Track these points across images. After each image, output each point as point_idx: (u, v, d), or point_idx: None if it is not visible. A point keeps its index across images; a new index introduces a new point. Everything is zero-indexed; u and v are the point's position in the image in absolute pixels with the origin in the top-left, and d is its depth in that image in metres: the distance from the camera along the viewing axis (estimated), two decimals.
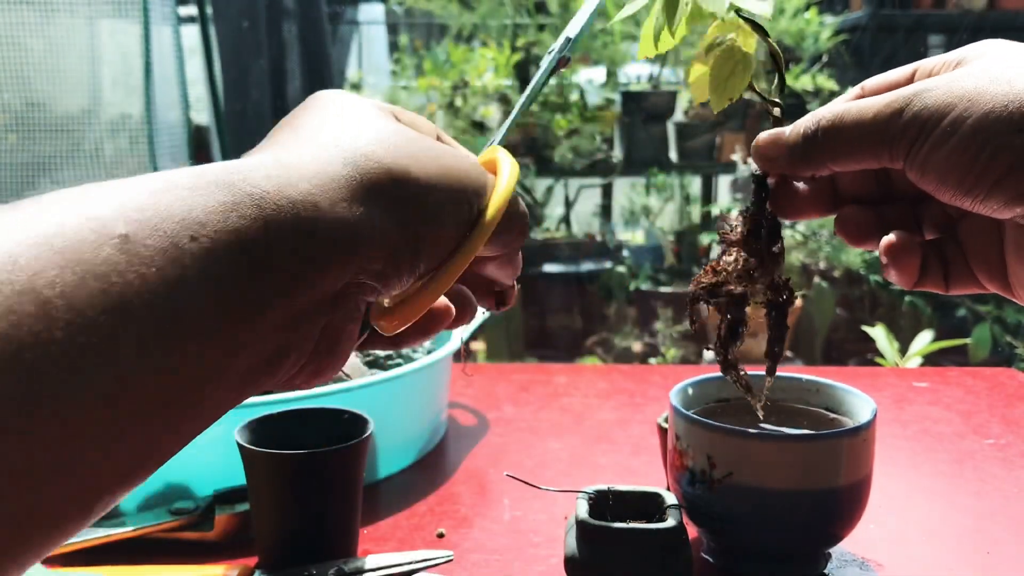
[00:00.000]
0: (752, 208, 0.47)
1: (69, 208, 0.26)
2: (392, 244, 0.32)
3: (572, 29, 0.44)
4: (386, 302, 0.37)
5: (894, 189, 0.45)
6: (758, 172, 0.46)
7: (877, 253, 0.44)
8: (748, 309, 0.49)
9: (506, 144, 0.43)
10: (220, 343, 0.27)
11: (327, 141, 0.33)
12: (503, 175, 0.38)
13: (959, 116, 0.37)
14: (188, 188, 0.28)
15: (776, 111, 0.47)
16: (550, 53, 0.44)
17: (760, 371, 0.69)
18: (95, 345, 0.24)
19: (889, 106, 0.39)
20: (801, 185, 0.46)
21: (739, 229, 0.48)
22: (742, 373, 0.51)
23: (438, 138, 0.40)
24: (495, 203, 0.37)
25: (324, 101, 0.36)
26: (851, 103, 0.41)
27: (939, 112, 0.37)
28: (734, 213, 0.48)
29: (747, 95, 0.49)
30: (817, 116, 0.42)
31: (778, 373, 0.67)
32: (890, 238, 0.43)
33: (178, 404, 0.27)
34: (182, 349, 0.26)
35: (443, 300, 0.40)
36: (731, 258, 0.48)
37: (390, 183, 0.32)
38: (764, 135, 0.45)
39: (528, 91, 0.44)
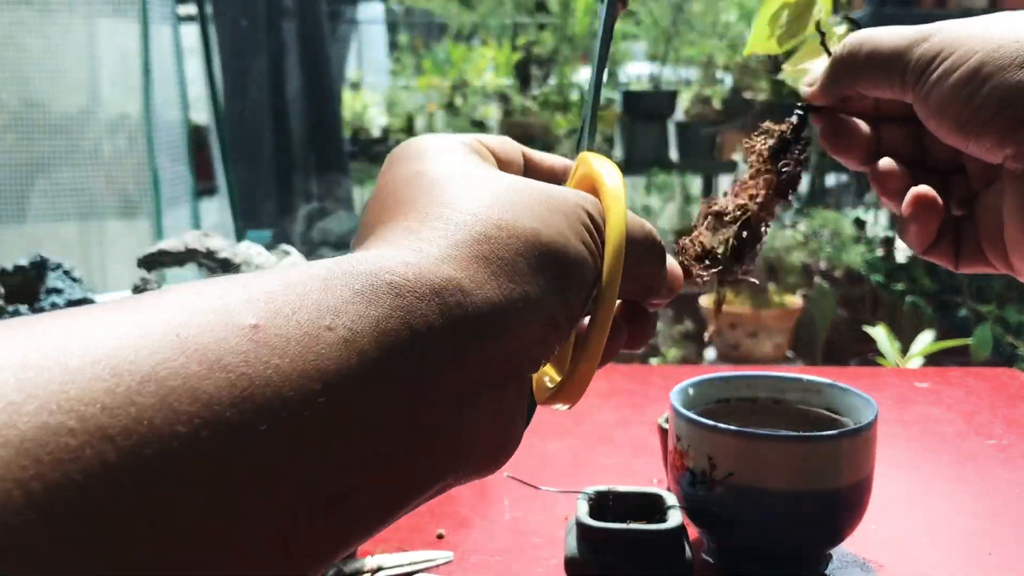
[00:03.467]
0: (788, 131, 0.45)
1: (195, 298, 0.24)
2: (548, 309, 0.30)
3: None
4: (547, 380, 0.35)
5: (928, 157, 0.45)
6: (801, 104, 0.46)
7: (899, 213, 0.43)
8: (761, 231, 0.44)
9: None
10: (363, 440, 0.25)
11: (449, 215, 0.30)
12: (610, 195, 0.34)
13: (969, 50, 0.37)
14: (322, 279, 0.26)
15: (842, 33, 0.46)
16: (601, 1, 0.40)
17: (760, 371, 0.69)
18: (221, 441, 0.22)
19: (907, 36, 0.40)
20: (847, 122, 0.45)
21: (771, 136, 0.45)
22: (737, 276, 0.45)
23: (524, 156, 0.38)
24: (611, 237, 0.33)
25: (413, 164, 0.34)
26: (879, 29, 0.42)
27: (951, 46, 0.38)
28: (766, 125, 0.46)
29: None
30: (847, 38, 0.43)
31: (778, 373, 0.67)
32: (920, 188, 0.42)
33: (324, 505, 0.24)
34: (324, 444, 0.24)
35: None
36: (751, 168, 0.45)
37: (526, 249, 0.30)
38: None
39: (596, 60, 0.39)
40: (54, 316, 0.23)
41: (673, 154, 3.10)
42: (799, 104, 0.46)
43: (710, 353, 2.92)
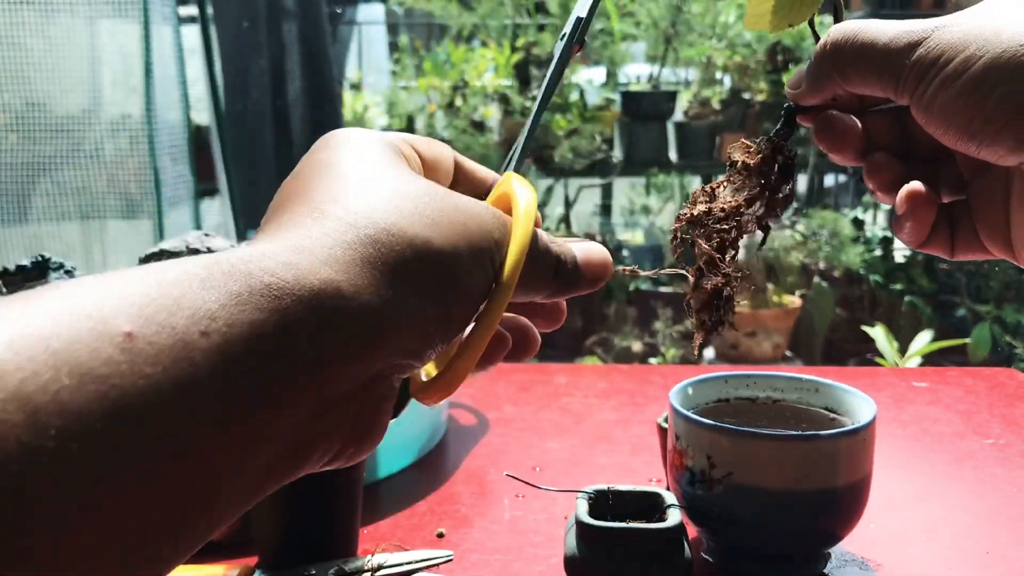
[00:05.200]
0: (776, 138, 0.44)
1: (68, 303, 0.24)
2: (423, 321, 0.30)
3: (582, 7, 0.40)
4: (423, 375, 0.36)
5: (914, 146, 0.44)
6: (788, 105, 0.44)
7: (893, 207, 0.42)
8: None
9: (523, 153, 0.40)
10: (233, 444, 0.25)
11: (342, 215, 0.30)
12: (518, 217, 0.35)
13: (971, 56, 0.35)
14: (200, 279, 0.26)
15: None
16: (562, 39, 0.40)
17: (759, 371, 0.69)
18: (91, 454, 0.22)
19: (903, 37, 0.37)
20: (839, 119, 0.43)
21: (756, 152, 0.44)
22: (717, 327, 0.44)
23: (456, 163, 0.38)
24: (512, 256, 0.34)
25: (329, 155, 0.34)
26: (869, 22, 0.39)
27: (952, 50, 0.36)
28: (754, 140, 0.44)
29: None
30: (830, 31, 0.40)
31: (777, 373, 0.67)
32: (913, 185, 0.41)
33: (190, 507, 0.25)
34: (192, 453, 0.24)
35: (498, 330, 0.38)
36: (734, 184, 0.44)
37: (413, 257, 0.30)
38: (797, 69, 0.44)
39: (542, 93, 0.40)
40: None
41: (672, 154, 3.10)
42: (785, 106, 0.44)
43: (709, 353, 2.92)
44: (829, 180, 3.49)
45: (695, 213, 0.44)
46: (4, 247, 2.06)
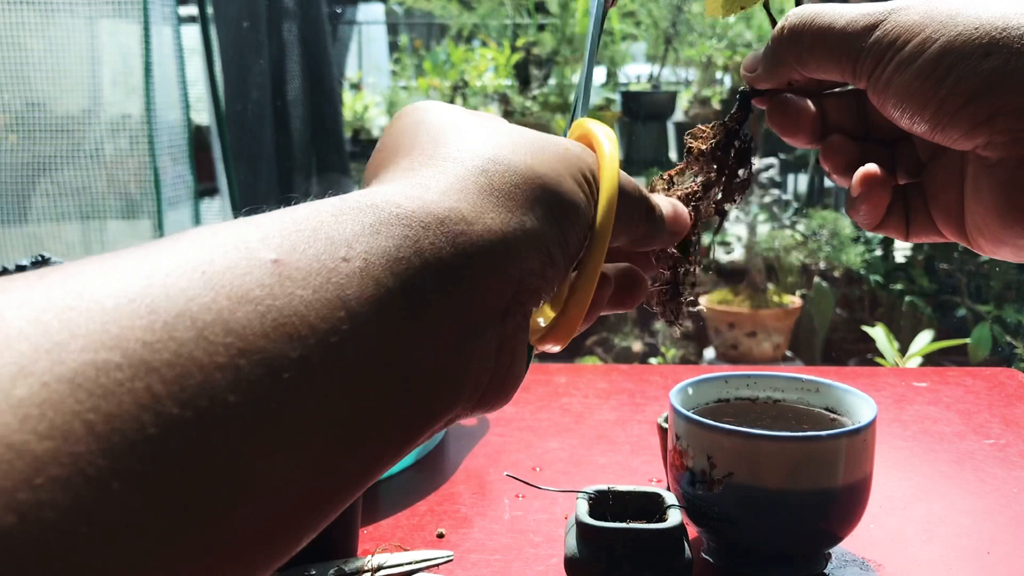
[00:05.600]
0: (729, 122, 0.44)
1: (213, 238, 0.25)
2: (545, 242, 0.32)
3: None
4: (541, 322, 0.37)
5: (871, 128, 0.43)
6: (743, 88, 0.44)
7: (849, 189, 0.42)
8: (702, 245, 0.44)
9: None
10: (388, 364, 0.26)
11: (451, 154, 0.32)
12: (604, 151, 0.36)
13: (927, 39, 0.35)
14: (331, 214, 0.27)
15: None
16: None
17: (760, 371, 0.69)
18: (256, 370, 0.23)
19: (860, 20, 0.37)
20: (793, 102, 0.43)
21: (710, 138, 0.44)
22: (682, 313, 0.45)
23: None
24: (606, 183, 0.35)
25: (420, 115, 0.35)
26: (826, 6, 0.39)
27: (909, 33, 0.36)
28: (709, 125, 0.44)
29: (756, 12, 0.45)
30: (787, 15, 0.40)
31: (777, 373, 0.67)
32: (868, 168, 0.41)
33: (356, 430, 0.26)
34: (351, 370, 0.25)
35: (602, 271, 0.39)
36: (692, 170, 0.44)
37: (522, 182, 0.32)
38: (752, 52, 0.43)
39: (588, 47, 0.41)
40: (83, 263, 0.23)
41: (673, 154, 3.11)
42: (740, 89, 0.44)
43: (709, 353, 2.92)
44: (829, 180, 3.49)
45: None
46: (4, 247, 2.06)
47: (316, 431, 0.24)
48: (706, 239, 0.45)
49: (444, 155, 0.32)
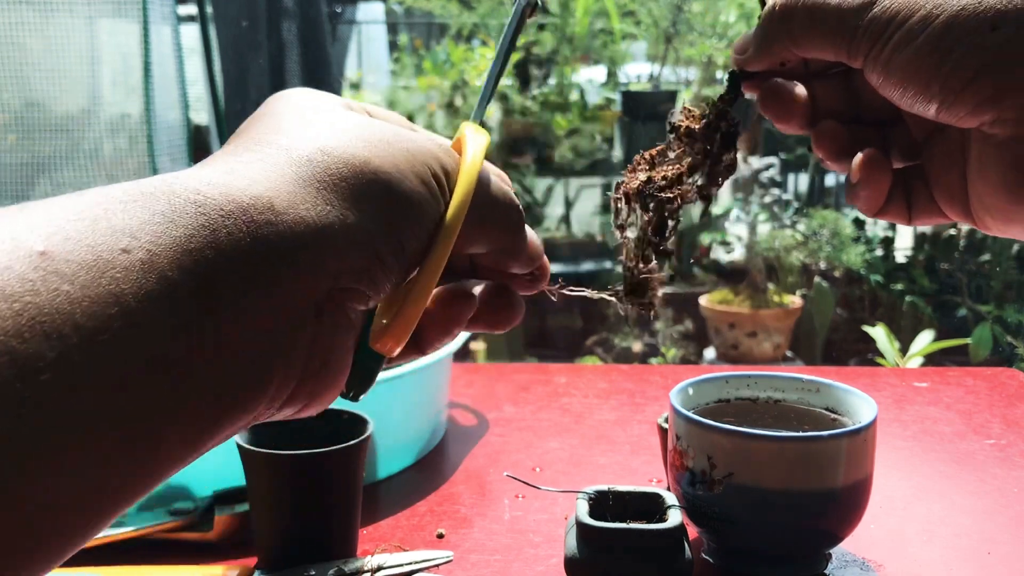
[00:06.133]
0: (719, 104, 0.43)
1: None
2: (372, 240, 0.30)
3: None
4: (384, 321, 0.35)
5: (862, 111, 0.42)
6: (733, 70, 0.43)
7: (849, 177, 0.41)
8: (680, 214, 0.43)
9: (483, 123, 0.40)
10: (171, 365, 0.24)
11: (277, 141, 0.30)
12: (467, 152, 0.35)
13: (929, 14, 0.33)
14: (121, 201, 0.25)
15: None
16: (515, 1, 0.39)
17: (760, 371, 0.69)
18: (4, 371, 0.21)
19: None
20: (784, 87, 0.42)
21: (699, 117, 0.43)
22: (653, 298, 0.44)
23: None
24: (460, 184, 0.33)
25: (282, 103, 0.33)
26: None
27: (907, 10, 0.34)
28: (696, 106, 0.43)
29: None
30: None
31: (777, 373, 0.67)
32: (868, 152, 0.40)
33: (126, 440, 0.24)
34: (125, 370, 0.23)
35: (463, 289, 0.37)
36: (675, 150, 0.43)
37: (351, 175, 0.30)
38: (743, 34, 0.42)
39: (497, 52, 0.40)
40: None
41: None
42: (730, 71, 0.43)
43: (710, 353, 2.92)
44: (830, 180, 3.49)
45: (635, 186, 0.43)
46: None
47: (84, 433, 0.23)
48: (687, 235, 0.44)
49: (270, 141, 0.30)
